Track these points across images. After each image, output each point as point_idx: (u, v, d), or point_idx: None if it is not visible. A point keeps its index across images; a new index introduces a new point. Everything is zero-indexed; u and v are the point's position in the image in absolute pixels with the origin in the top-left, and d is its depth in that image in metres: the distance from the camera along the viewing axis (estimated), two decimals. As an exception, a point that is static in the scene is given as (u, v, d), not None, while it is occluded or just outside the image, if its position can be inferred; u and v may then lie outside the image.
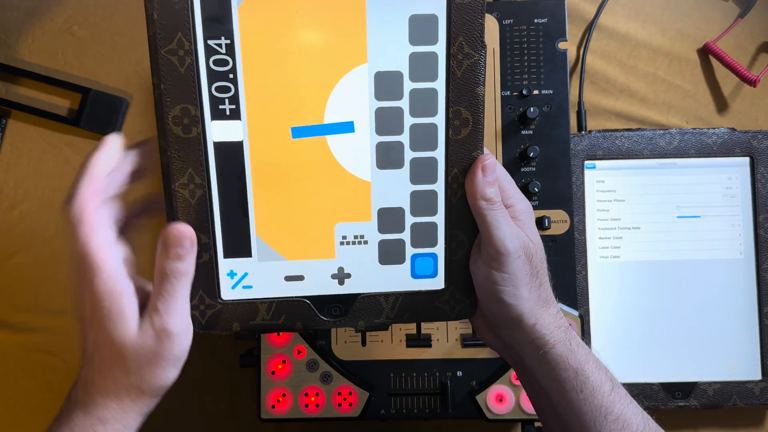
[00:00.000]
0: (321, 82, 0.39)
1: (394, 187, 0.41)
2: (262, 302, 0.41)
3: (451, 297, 0.42)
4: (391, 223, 0.41)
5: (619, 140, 0.59)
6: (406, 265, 0.42)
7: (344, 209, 0.41)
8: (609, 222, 0.59)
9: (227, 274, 0.41)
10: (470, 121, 0.39)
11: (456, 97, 0.39)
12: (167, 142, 0.38)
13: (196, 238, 0.39)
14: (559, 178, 0.54)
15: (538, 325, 0.39)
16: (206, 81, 0.38)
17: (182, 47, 0.37)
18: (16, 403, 0.62)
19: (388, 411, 0.54)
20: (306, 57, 0.39)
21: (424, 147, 0.40)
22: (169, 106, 0.37)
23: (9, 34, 0.63)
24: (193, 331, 0.39)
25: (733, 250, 0.59)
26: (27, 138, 0.63)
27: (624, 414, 0.39)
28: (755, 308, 0.58)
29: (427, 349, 0.54)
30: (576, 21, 0.63)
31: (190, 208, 0.39)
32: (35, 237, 0.62)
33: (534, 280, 0.39)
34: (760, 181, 0.58)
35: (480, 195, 0.39)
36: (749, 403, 0.57)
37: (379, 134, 0.40)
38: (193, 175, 0.39)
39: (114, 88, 0.63)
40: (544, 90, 0.54)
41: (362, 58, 0.39)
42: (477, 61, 0.39)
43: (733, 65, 0.61)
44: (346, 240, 0.41)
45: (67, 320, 0.62)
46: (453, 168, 0.40)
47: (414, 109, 0.40)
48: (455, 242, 0.41)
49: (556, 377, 0.39)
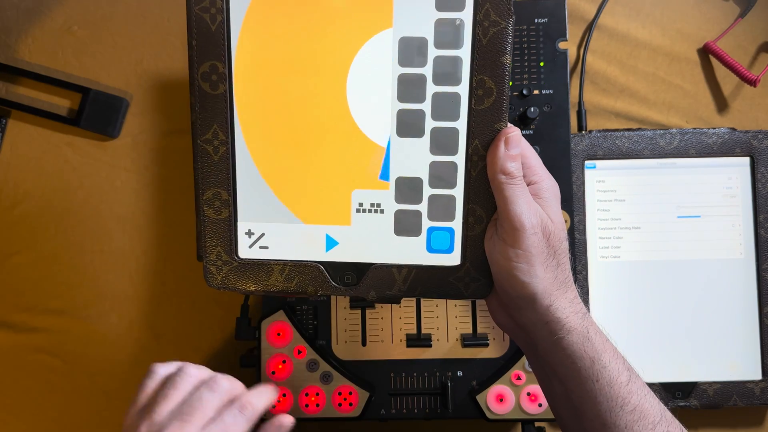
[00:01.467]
0: (345, 46, 0.39)
1: (414, 157, 0.40)
2: (277, 263, 0.41)
3: (466, 274, 0.41)
4: (409, 193, 0.41)
5: (620, 140, 0.59)
6: (422, 238, 0.41)
7: (362, 175, 0.41)
8: (609, 222, 0.59)
9: (245, 233, 0.41)
10: (494, 91, 0.39)
11: (480, 65, 0.39)
12: (194, 97, 0.39)
13: (218, 194, 0.41)
14: (560, 178, 0.54)
15: (553, 308, 0.38)
16: (236, 39, 0.39)
17: (214, 5, 0.38)
18: (16, 403, 0.62)
19: (389, 411, 0.54)
20: (331, 20, 0.39)
21: (445, 116, 0.40)
22: (198, 62, 0.39)
23: (9, 34, 0.63)
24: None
25: (734, 250, 0.59)
26: (27, 138, 0.63)
27: (641, 405, 0.38)
28: (755, 308, 0.58)
29: (428, 349, 0.54)
30: (576, 21, 0.63)
31: (213, 164, 0.40)
32: (35, 237, 0.62)
33: (551, 259, 0.38)
34: (760, 181, 0.58)
35: (500, 168, 0.38)
36: (749, 403, 0.57)
37: (401, 101, 0.40)
38: (218, 131, 0.40)
39: (114, 88, 0.63)
40: (545, 90, 0.54)
41: (387, 23, 0.39)
42: (504, 29, 0.38)
43: (733, 65, 0.61)
44: (363, 207, 0.41)
45: (67, 320, 0.62)
46: (474, 140, 0.39)
47: (437, 77, 0.39)
48: (473, 217, 0.40)
49: (572, 365, 0.38)
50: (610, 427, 0.38)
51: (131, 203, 0.62)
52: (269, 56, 0.39)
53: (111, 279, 0.62)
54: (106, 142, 0.63)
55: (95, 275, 0.62)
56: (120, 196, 0.62)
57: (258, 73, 0.40)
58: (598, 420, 0.38)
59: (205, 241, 0.41)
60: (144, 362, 0.62)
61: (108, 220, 0.62)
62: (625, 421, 0.37)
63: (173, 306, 0.62)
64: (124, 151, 0.63)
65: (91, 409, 0.62)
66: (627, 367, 0.39)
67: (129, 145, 0.63)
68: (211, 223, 0.41)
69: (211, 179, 0.40)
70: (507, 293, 0.39)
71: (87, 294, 0.62)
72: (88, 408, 0.62)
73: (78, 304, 0.62)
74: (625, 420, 0.37)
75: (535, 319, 0.39)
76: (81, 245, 0.62)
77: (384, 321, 0.55)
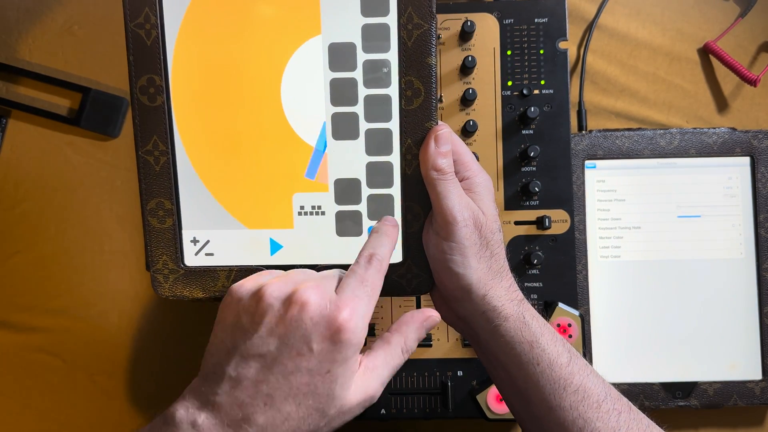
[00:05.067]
0: (277, 53, 0.40)
1: (351, 158, 0.42)
2: (223, 269, 0.42)
3: (407, 271, 0.42)
4: (348, 194, 0.42)
5: (620, 140, 0.59)
6: (363, 237, 0.43)
7: (302, 179, 0.42)
8: (609, 222, 0.59)
9: (190, 240, 0.42)
10: (422, 91, 0.40)
11: (407, 67, 0.40)
12: (134, 110, 0.40)
13: (161, 203, 0.41)
14: (560, 178, 0.54)
15: (488, 297, 0.39)
16: (171, 53, 0.40)
17: (149, 21, 0.39)
18: (16, 403, 0.62)
19: (389, 411, 0.54)
20: (261, 30, 0.40)
21: (378, 118, 0.41)
22: (136, 76, 0.40)
23: (9, 34, 0.63)
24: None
25: (734, 250, 0.59)
26: (27, 138, 0.63)
27: (584, 384, 0.38)
28: (755, 308, 0.58)
29: (428, 348, 0.54)
30: (576, 21, 0.63)
31: (154, 174, 0.41)
32: (35, 237, 0.62)
33: (484, 250, 0.39)
34: (760, 181, 0.58)
35: (432, 165, 0.39)
36: (750, 402, 0.57)
37: (335, 105, 0.41)
38: (158, 142, 0.41)
39: (114, 88, 0.63)
40: (545, 90, 0.54)
41: (316, 30, 0.40)
42: (427, 30, 0.40)
43: (733, 65, 0.61)
44: (304, 210, 0.42)
45: (67, 320, 0.62)
46: (407, 139, 0.41)
47: (368, 81, 0.41)
48: (411, 214, 0.42)
49: (511, 351, 0.39)
50: (555, 409, 0.38)
51: (131, 203, 0.62)
52: (204, 67, 0.41)
53: (111, 279, 0.62)
54: (106, 141, 0.63)
55: (95, 275, 0.62)
56: (120, 196, 0.62)
57: (194, 83, 0.41)
58: (544, 404, 0.38)
59: (152, 250, 0.42)
60: (144, 362, 0.62)
61: (108, 220, 0.62)
62: (570, 401, 0.38)
63: (173, 306, 0.62)
64: (124, 151, 0.63)
65: (91, 409, 0.62)
66: (567, 348, 0.40)
67: (129, 145, 0.63)
68: (156, 233, 0.42)
69: (154, 189, 0.41)
70: (445, 286, 0.40)
71: (87, 294, 0.62)
72: (88, 408, 0.62)
73: (78, 304, 0.62)
74: (570, 401, 0.38)
75: (473, 310, 0.40)
76: (81, 245, 0.62)
77: (384, 321, 0.55)
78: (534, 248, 0.54)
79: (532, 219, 0.55)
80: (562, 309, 0.53)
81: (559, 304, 0.53)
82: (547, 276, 0.54)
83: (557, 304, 0.53)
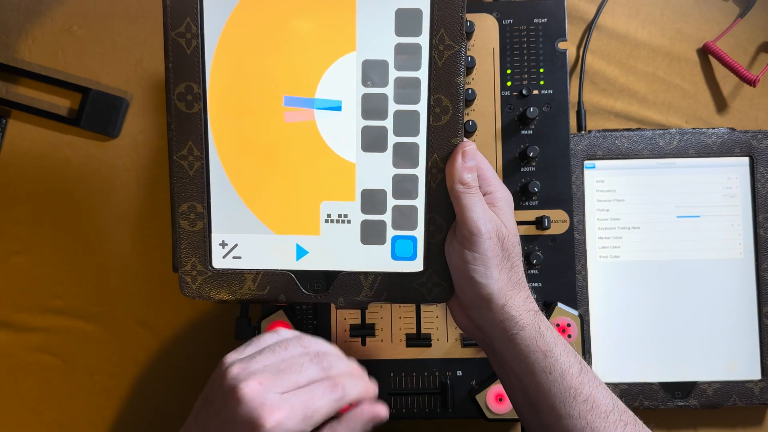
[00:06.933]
0: (312, 67, 0.42)
1: (378, 170, 0.43)
2: (250, 272, 0.44)
3: (428, 280, 0.44)
4: (374, 204, 0.43)
5: (619, 140, 0.59)
6: (387, 246, 0.44)
7: (330, 188, 0.43)
8: (609, 222, 0.59)
9: (219, 243, 0.44)
10: (450, 109, 0.42)
11: (437, 85, 0.42)
12: (170, 116, 0.41)
13: (193, 207, 0.42)
14: (559, 178, 0.54)
15: (507, 306, 0.41)
16: (210, 62, 0.41)
17: (190, 30, 0.41)
18: (16, 403, 0.62)
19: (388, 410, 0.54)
20: (300, 43, 0.42)
21: (406, 132, 0.43)
22: (174, 83, 0.41)
23: (9, 34, 0.63)
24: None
25: (733, 250, 0.59)
26: (27, 138, 0.63)
27: (593, 395, 0.40)
28: (755, 308, 0.58)
29: (427, 348, 0.54)
30: (576, 21, 0.63)
31: (188, 178, 0.42)
32: (35, 237, 0.62)
33: (505, 262, 0.41)
34: (759, 181, 0.58)
35: (458, 179, 0.41)
36: (749, 402, 0.57)
37: (365, 118, 0.43)
38: (193, 148, 0.42)
39: (114, 88, 0.63)
40: (544, 90, 0.54)
41: (351, 47, 0.42)
42: (457, 52, 0.41)
43: (732, 65, 0.61)
44: (331, 218, 0.44)
45: (67, 320, 0.62)
46: (433, 153, 0.42)
47: (398, 96, 0.42)
48: (434, 226, 0.43)
49: (526, 359, 0.40)
50: (564, 417, 0.39)
51: (131, 203, 0.63)
52: (241, 76, 0.42)
53: (111, 279, 0.62)
54: (106, 142, 0.63)
55: (95, 275, 0.62)
56: (120, 196, 0.62)
57: (231, 92, 0.42)
58: (554, 412, 0.40)
59: (181, 252, 0.43)
60: (143, 362, 0.62)
61: (108, 220, 0.62)
62: (579, 410, 0.39)
63: (173, 306, 0.62)
64: (124, 151, 0.63)
65: (91, 409, 0.62)
66: (578, 360, 0.41)
67: (129, 145, 0.63)
68: (186, 235, 0.43)
69: (186, 193, 0.43)
70: (465, 294, 0.42)
71: (87, 294, 0.62)
72: (88, 408, 0.62)
73: (78, 304, 0.62)
74: (579, 410, 0.39)
75: (491, 318, 0.41)
76: (81, 245, 0.62)
77: (384, 321, 0.55)
78: (533, 248, 0.55)
79: (531, 219, 0.55)
80: (561, 309, 0.53)
81: (558, 304, 0.54)
82: (547, 276, 0.55)
83: (556, 304, 0.54)
